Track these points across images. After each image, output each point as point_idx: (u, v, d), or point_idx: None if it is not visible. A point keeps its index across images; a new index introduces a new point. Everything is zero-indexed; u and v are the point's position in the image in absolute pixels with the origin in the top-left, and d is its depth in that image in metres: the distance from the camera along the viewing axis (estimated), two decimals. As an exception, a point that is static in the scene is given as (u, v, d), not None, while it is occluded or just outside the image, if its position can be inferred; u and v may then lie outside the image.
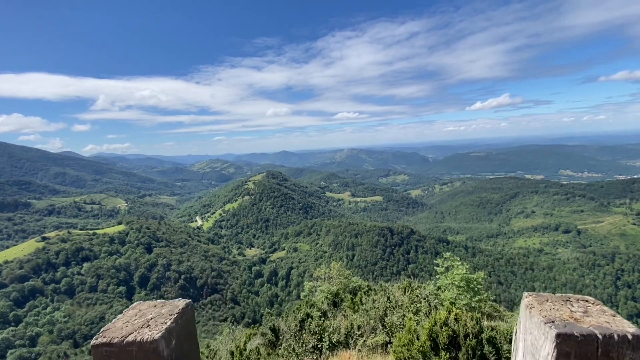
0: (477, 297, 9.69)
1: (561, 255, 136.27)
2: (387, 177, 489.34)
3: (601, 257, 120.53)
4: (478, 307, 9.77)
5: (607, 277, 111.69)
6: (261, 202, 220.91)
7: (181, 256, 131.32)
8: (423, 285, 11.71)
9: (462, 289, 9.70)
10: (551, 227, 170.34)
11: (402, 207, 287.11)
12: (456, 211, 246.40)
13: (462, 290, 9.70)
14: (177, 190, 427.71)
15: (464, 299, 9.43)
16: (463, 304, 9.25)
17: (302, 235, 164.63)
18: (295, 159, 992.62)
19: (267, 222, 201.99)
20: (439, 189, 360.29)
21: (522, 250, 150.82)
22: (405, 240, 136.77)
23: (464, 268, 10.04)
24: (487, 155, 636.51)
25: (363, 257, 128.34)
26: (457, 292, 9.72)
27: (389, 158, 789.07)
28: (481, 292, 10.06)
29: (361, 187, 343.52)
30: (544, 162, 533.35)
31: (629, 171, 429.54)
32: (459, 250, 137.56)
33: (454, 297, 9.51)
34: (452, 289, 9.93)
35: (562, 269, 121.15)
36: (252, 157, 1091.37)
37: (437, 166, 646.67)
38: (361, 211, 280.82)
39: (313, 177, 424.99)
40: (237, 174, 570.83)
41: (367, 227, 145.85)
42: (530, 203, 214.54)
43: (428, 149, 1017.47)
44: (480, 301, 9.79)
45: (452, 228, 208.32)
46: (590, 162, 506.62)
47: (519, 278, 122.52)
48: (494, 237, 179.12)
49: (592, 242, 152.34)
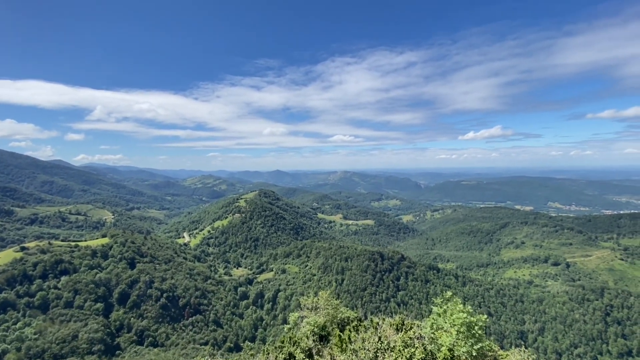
0: (478, 345, 9.04)
1: (551, 288, 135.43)
2: (380, 201, 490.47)
3: (590, 291, 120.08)
4: (480, 355, 9.13)
5: (597, 313, 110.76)
6: (252, 220, 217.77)
7: (165, 273, 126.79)
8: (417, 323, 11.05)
9: (462, 334, 9.10)
10: (541, 258, 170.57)
11: (393, 232, 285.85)
12: (447, 238, 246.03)
13: (462, 335, 9.09)
14: (167, 205, 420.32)
15: (464, 347, 8.81)
16: (463, 351, 8.63)
17: (292, 257, 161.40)
18: (289, 179, 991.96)
19: (257, 242, 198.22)
20: (430, 215, 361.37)
21: (512, 281, 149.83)
22: (396, 266, 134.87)
23: (466, 311, 9.44)
24: (478, 184, 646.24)
25: (353, 282, 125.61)
26: (456, 337, 9.10)
27: (381, 182, 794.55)
28: (483, 339, 9.42)
29: (353, 210, 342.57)
30: (534, 193, 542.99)
31: (615, 206, 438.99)
32: (449, 279, 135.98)
33: (453, 342, 8.89)
34: (451, 332, 9.32)
35: (552, 302, 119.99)
36: (245, 174, 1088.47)
37: (429, 192, 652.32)
38: (352, 234, 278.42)
39: (306, 198, 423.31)
40: (229, 191, 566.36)
41: (358, 251, 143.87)
42: (520, 234, 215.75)
43: (420, 175, 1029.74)
44: (481, 349, 9.15)
45: (442, 255, 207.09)
46: (578, 195, 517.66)
47: (509, 310, 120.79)
48: (484, 267, 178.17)
49: (581, 276, 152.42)
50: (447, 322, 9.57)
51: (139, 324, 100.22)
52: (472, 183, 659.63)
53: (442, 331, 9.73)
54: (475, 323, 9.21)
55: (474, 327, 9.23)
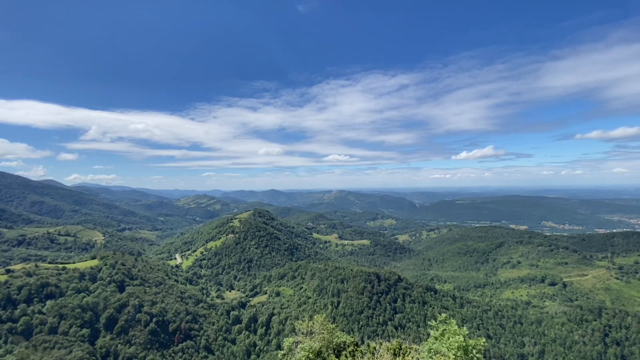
0: (476, 370, 8.88)
1: (549, 308, 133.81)
2: (375, 221, 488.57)
3: (588, 311, 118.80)
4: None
5: (596, 334, 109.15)
6: (245, 241, 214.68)
7: (155, 297, 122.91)
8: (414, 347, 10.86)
9: (459, 358, 8.95)
10: (537, 278, 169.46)
11: (389, 252, 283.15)
12: (443, 258, 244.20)
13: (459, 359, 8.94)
14: (159, 225, 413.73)
15: (461, 371, 8.64)
16: (460, 376, 8.48)
17: (286, 279, 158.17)
18: (284, 198, 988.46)
19: (250, 263, 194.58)
20: (426, 235, 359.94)
21: (509, 302, 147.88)
22: (393, 288, 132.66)
23: (462, 333, 9.33)
24: (473, 203, 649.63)
25: (349, 305, 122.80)
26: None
27: (377, 201, 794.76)
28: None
29: (349, 230, 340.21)
30: (527, 212, 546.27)
31: (608, 225, 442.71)
32: (446, 300, 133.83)
33: (450, 367, 8.73)
34: (449, 355, 9.15)
35: (550, 324, 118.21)
36: (240, 194, 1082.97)
37: (424, 212, 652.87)
38: (348, 254, 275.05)
39: (301, 218, 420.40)
40: (224, 211, 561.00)
41: (354, 272, 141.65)
42: (516, 253, 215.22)
43: (415, 194, 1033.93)
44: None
45: (439, 276, 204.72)
46: (571, 214, 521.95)
47: (508, 332, 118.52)
48: (482, 287, 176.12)
49: (578, 296, 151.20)
50: (444, 345, 9.43)
51: (127, 350, 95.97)
52: (466, 202, 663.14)
53: (439, 355, 9.54)
54: (472, 347, 9.07)
55: (471, 350, 9.09)
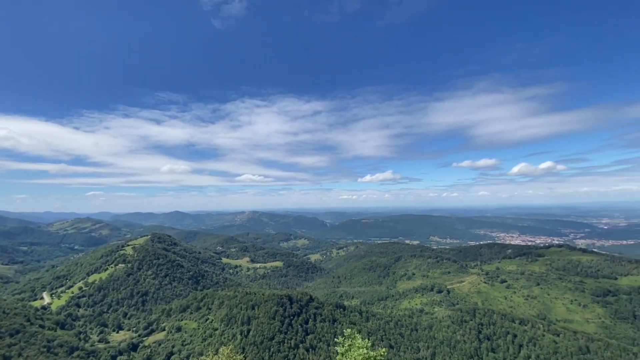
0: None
1: (437, 313, 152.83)
2: (289, 241, 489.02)
3: (466, 313, 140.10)
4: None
5: (472, 332, 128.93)
6: (140, 271, 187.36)
7: (10, 350, 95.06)
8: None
9: (364, 370, 9.47)
10: (428, 287, 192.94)
11: (301, 273, 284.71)
12: (351, 275, 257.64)
13: (363, 371, 9.46)
14: (20, 257, 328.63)
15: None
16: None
17: (190, 311, 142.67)
18: (190, 221, 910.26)
19: (146, 296, 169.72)
20: (336, 253, 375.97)
21: (407, 311, 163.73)
22: (305, 309, 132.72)
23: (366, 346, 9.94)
24: (375, 222, 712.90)
25: (259, 332, 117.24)
26: (358, 375, 9.42)
27: (290, 222, 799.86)
28: (384, 372, 9.99)
29: (261, 252, 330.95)
30: (419, 229, 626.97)
31: (477, 238, 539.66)
32: (354, 316, 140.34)
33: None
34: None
35: (439, 327, 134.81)
36: (135, 217, 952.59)
37: (335, 231, 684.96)
38: (260, 278, 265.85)
39: (209, 241, 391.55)
40: (113, 237, 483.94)
41: (266, 297, 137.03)
42: (411, 266, 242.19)
43: (326, 214, 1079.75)
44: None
45: (348, 292, 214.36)
46: (451, 230, 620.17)
47: (406, 339, 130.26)
48: (384, 300, 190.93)
49: (459, 300, 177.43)
50: (350, 359, 9.88)
51: None
52: (370, 221, 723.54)
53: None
54: (375, 358, 9.77)
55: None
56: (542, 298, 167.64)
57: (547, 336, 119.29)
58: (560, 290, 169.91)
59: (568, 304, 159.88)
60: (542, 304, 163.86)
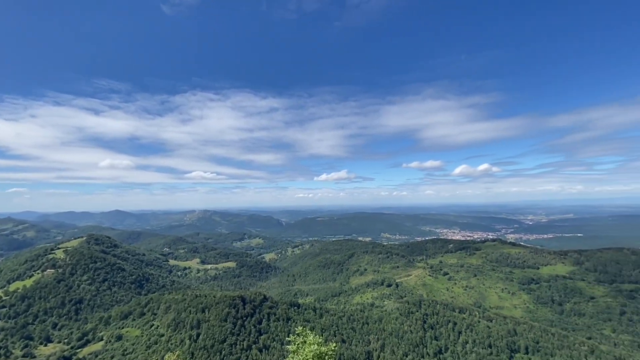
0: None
1: (387, 306, 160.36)
2: (242, 241, 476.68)
3: (413, 305, 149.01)
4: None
5: (418, 322, 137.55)
6: (74, 276, 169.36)
7: None
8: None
9: (315, 366, 9.66)
10: (378, 282, 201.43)
11: (255, 273, 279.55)
12: (306, 273, 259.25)
13: (315, 367, 9.64)
14: None
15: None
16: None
17: (132, 317, 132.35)
18: (133, 220, 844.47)
19: (80, 304, 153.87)
20: (291, 252, 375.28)
21: (359, 305, 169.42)
22: (258, 309, 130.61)
23: (317, 342, 10.14)
24: (330, 220, 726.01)
25: (210, 335, 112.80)
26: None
27: (244, 221, 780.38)
28: (335, 367, 10.26)
29: (213, 253, 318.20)
30: (371, 226, 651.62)
31: (423, 234, 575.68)
32: (308, 313, 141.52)
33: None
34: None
35: (388, 319, 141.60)
36: (67, 216, 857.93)
37: (290, 229, 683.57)
38: (212, 280, 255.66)
39: (154, 243, 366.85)
40: (40, 239, 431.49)
41: (217, 299, 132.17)
42: (363, 262, 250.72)
43: (282, 213, 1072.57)
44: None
45: (302, 290, 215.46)
46: (400, 227, 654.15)
47: (358, 333, 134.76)
48: (338, 296, 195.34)
49: (406, 293, 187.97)
50: (302, 357, 10.02)
51: None
52: (325, 219, 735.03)
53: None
54: (325, 353, 10.03)
55: (324, 357, 10.02)
56: (479, 288, 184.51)
57: (482, 322, 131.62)
58: (494, 280, 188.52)
59: (500, 292, 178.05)
60: (478, 293, 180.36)
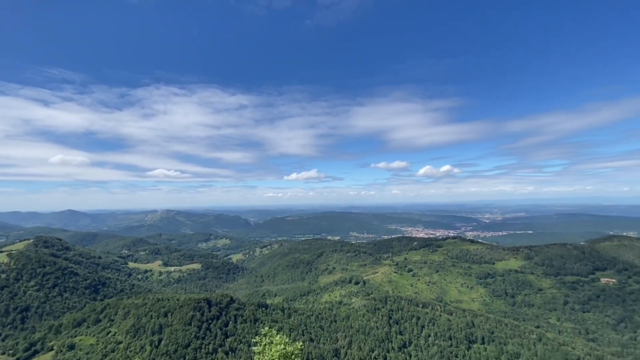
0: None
1: (354, 304, 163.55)
2: (208, 242, 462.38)
3: (379, 301, 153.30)
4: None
5: (384, 318, 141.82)
6: (19, 282, 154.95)
7: None
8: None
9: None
10: (347, 280, 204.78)
11: (222, 274, 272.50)
12: (274, 273, 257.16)
13: (282, 367, 9.84)
14: None
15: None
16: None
17: (87, 324, 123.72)
18: (87, 221, 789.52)
19: (27, 312, 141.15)
20: (259, 252, 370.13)
21: (327, 304, 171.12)
22: (225, 311, 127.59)
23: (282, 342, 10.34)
24: (300, 219, 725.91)
25: (173, 340, 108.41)
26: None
27: (210, 221, 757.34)
28: (301, 366, 10.50)
29: (176, 255, 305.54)
30: (340, 225, 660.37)
31: (390, 232, 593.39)
32: (276, 313, 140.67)
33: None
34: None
35: (355, 316, 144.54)
36: (11, 217, 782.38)
37: (259, 229, 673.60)
38: (175, 282, 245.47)
39: (112, 245, 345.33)
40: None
41: (181, 302, 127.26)
42: (332, 260, 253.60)
43: (250, 212, 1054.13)
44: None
45: (271, 291, 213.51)
46: (368, 226, 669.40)
47: (326, 331, 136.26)
48: (306, 295, 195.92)
49: (373, 290, 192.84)
50: (267, 357, 10.19)
51: None
52: (295, 219, 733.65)
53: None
54: (292, 352, 10.27)
55: (290, 356, 10.26)
56: (440, 283, 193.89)
57: (443, 316, 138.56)
58: (454, 276, 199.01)
59: (459, 287, 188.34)
60: (440, 288, 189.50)
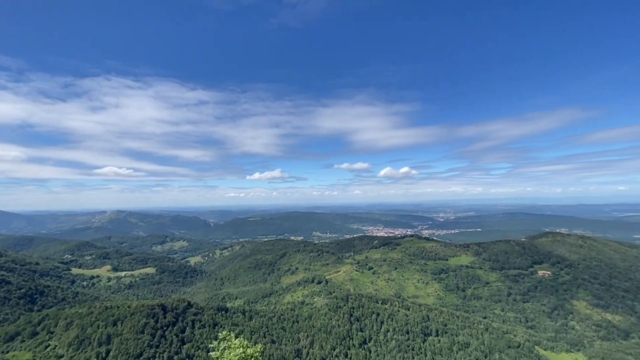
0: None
1: (317, 303, 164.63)
2: (164, 244, 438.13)
3: (341, 299, 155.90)
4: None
5: (345, 316, 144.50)
6: None
7: None
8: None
9: (241, 369, 9.69)
10: (309, 280, 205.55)
11: (179, 278, 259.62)
12: (235, 275, 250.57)
13: (241, 370, 9.68)
14: None
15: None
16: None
17: (21, 338, 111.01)
18: (22, 224, 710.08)
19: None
20: (219, 254, 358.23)
21: (289, 305, 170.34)
22: (181, 317, 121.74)
23: (241, 345, 10.16)
24: (263, 220, 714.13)
25: (123, 351, 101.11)
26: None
27: (166, 223, 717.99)
28: (261, 368, 10.39)
29: (128, 258, 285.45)
30: (303, 225, 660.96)
31: (352, 232, 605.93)
32: (237, 316, 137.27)
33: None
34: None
35: (317, 316, 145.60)
36: None
37: (219, 231, 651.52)
38: (126, 288, 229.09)
39: (52, 249, 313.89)
40: None
41: (132, 309, 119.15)
42: (295, 261, 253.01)
43: (210, 213, 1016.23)
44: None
45: (231, 294, 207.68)
46: (331, 226, 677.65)
47: (288, 332, 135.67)
48: (268, 297, 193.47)
49: (335, 289, 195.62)
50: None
51: None
52: (257, 219, 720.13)
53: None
54: (251, 355, 10.13)
55: (250, 359, 10.13)
56: (399, 280, 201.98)
57: (401, 311, 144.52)
58: (411, 272, 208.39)
59: (416, 283, 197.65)
60: (398, 284, 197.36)
